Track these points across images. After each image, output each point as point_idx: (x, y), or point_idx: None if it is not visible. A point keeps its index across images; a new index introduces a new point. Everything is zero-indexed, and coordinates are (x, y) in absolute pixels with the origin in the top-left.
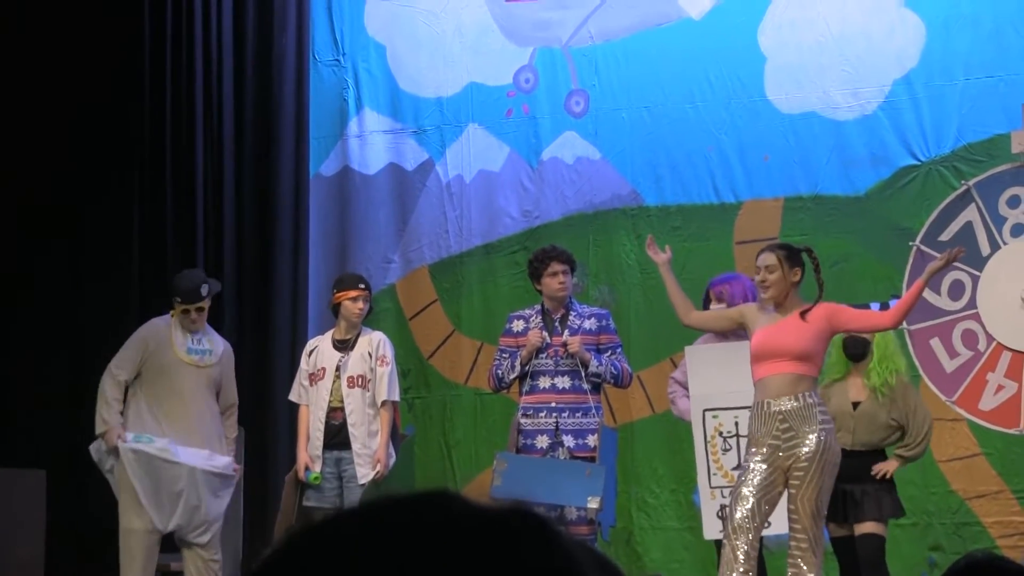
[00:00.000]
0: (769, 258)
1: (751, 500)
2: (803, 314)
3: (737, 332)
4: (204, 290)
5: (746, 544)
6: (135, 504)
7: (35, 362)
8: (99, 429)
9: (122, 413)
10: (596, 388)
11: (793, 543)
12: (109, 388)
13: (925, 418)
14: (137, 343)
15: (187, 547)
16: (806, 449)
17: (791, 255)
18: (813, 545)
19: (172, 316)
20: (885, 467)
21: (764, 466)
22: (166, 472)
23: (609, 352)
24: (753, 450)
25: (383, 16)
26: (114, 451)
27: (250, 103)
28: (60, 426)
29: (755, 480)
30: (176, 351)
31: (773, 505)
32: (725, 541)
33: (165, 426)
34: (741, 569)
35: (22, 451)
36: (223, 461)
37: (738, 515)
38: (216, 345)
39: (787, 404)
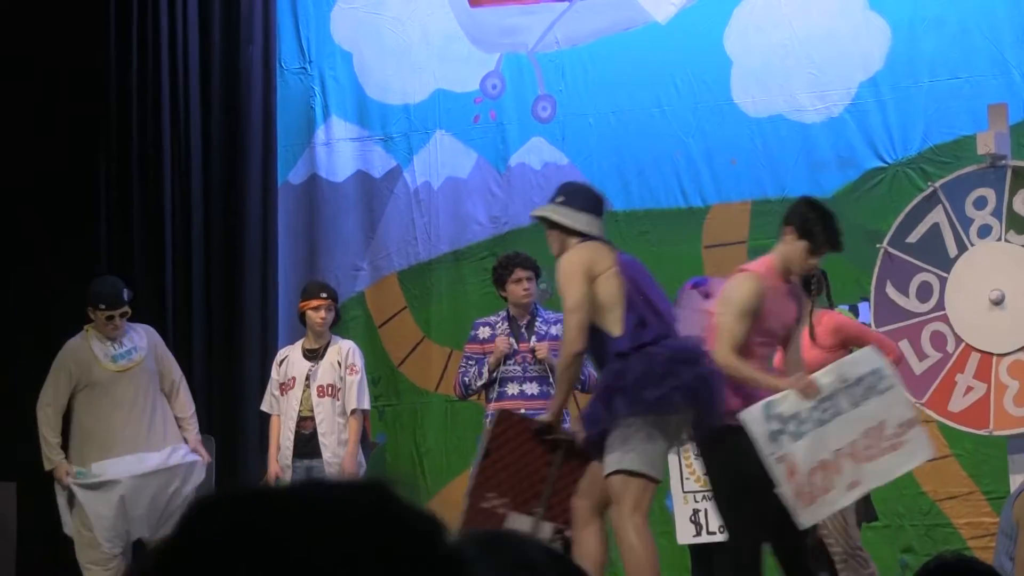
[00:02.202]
0: None
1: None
2: (811, 333)
3: None
4: (125, 294)
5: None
6: (90, 540)
7: (3, 375)
8: (47, 467)
9: (65, 447)
10: None
11: (836, 559)
12: (44, 426)
13: None
14: (60, 371)
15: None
16: None
17: None
18: (851, 556)
19: (87, 330)
20: None
21: None
22: (109, 494)
23: None
24: None
25: (349, 24)
26: (68, 488)
27: (217, 112)
28: (30, 438)
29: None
30: (102, 365)
31: None
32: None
33: (113, 441)
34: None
35: None
36: (181, 452)
37: None
38: (138, 339)
39: None
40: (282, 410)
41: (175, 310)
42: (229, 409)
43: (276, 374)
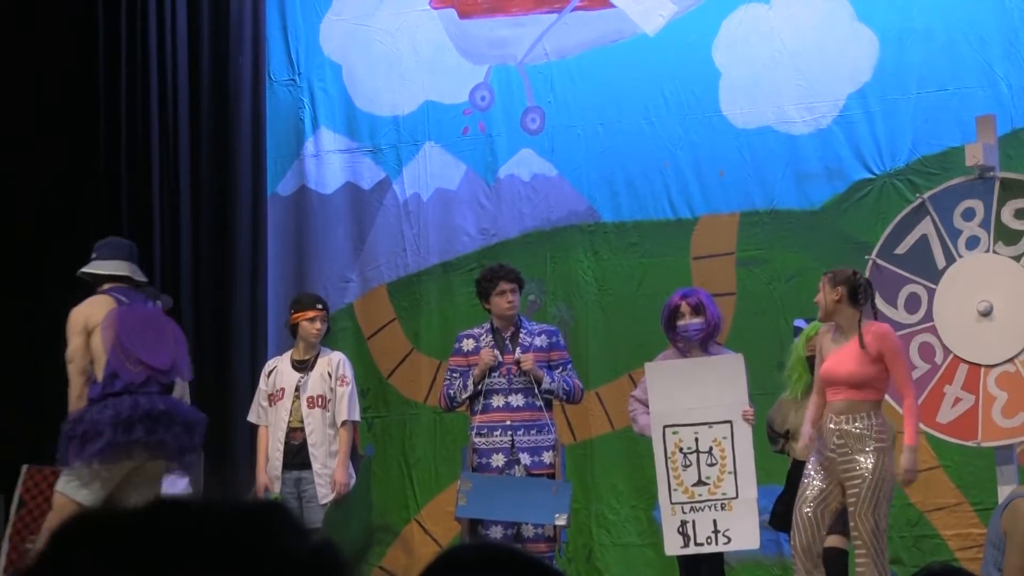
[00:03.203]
0: (820, 281)
1: (809, 515)
2: (861, 339)
3: (696, 349)
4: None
5: (810, 563)
6: None
7: None
8: None
9: None
10: (549, 405)
11: (857, 558)
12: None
13: None
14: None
15: None
16: (860, 470)
17: (834, 277)
18: (875, 559)
19: None
20: None
21: (820, 478)
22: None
23: (560, 368)
24: (813, 459)
25: (339, 35)
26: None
27: (206, 123)
28: (19, 450)
29: (812, 494)
30: None
31: (833, 515)
32: (794, 559)
33: None
34: None
35: None
36: (182, 484)
37: (799, 539)
38: None
39: (844, 425)
40: (270, 421)
41: None
42: (218, 420)
43: (264, 385)
